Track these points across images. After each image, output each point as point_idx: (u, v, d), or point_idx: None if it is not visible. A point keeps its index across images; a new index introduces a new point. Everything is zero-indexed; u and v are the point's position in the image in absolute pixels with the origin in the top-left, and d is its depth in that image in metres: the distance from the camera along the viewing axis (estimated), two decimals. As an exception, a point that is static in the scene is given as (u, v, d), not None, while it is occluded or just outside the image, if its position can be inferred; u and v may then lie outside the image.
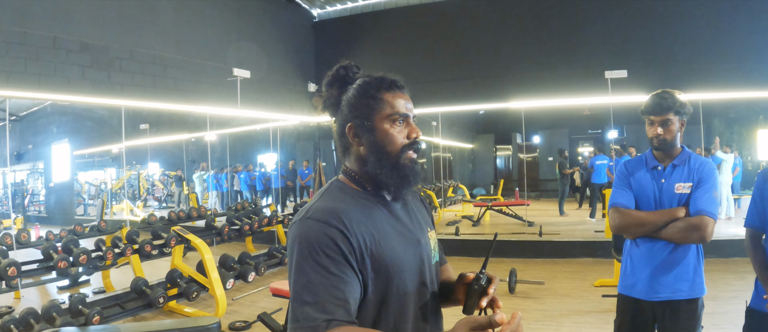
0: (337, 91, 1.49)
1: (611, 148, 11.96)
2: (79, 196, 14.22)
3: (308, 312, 1.21)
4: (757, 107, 13.55)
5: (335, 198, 1.40)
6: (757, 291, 2.59)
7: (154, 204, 15.86)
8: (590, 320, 5.30)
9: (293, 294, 1.26)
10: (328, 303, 1.21)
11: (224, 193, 14.55)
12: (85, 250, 5.45)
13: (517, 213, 11.32)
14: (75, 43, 7.04)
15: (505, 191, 16.39)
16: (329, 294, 1.22)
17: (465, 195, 15.35)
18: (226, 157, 12.81)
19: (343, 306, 1.23)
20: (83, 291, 5.79)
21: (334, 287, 1.23)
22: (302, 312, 1.21)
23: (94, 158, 14.36)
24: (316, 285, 1.23)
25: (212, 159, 13.48)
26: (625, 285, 2.74)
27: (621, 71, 8.85)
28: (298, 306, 1.23)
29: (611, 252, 5.97)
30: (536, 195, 17.59)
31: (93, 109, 8.50)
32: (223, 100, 9.23)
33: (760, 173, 2.72)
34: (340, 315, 1.21)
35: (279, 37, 11.77)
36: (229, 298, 6.38)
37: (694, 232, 2.47)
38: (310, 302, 1.21)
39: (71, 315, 4.77)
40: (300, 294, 1.23)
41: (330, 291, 1.23)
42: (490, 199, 13.47)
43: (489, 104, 12.00)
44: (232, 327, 5.46)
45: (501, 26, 11.72)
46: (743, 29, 9.93)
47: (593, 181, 11.94)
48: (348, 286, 1.26)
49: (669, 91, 2.61)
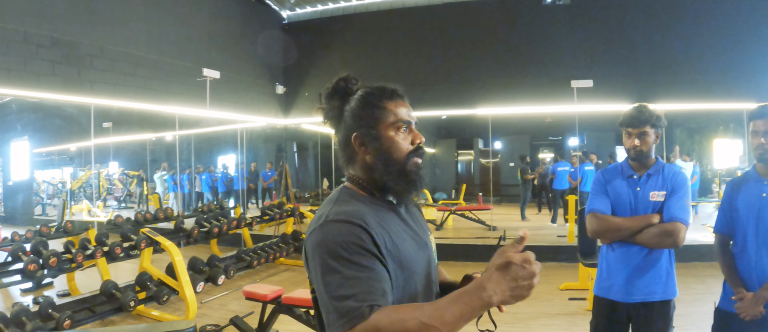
0: (338, 103, 1.53)
1: (572, 154, 12.23)
2: (37, 196, 13.83)
3: (350, 305, 1.22)
4: (717, 118, 14.11)
5: (350, 203, 1.43)
6: (726, 293, 2.76)
7: (113, 204, 15.51)
8: (558, 322, 5.44)
9: (328, 296, 1.27)
10: (368, 294, 1.23)
11: (185, 195, 14.32)
12: (54, 252, 5.33)
13: (480, 218, 11.48)
14: (46, 38, 6.89)
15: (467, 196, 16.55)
16: (367, 286, 1.24)
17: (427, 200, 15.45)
18: (191, 157, 12.65)
19: (382, 295, 1.25)
20: (47, 294, 5.67)
21: (371, 279, 1.26)
22: (344, 306, 1.23)
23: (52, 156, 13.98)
24: (353, 279, 1.25)
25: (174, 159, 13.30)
26: (601, 288, 2.86)
27: (587, 81, 9.08)
28: (338, 302, 1.24)
29: (576, 257, 6.13)
30: (497, 200, 17.80)
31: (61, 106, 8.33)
32: (192, 100, 9.14)
33: (729, 182, 2.90)
34: (381, 302, 1.24)
35: (249, 38, 11.71)
36: (198, 301, 6.31)
37: (668, 238, 2.62)
38: (350, 295, 1.23)
39: (41, 319, 4.67)
40: (337, 291, 1.25)
41: (367, 283, 1.25)
42: (453, 204, 13.59)
43: (456, 110, 12.17)
44: (204, 331, 5.41)
45: (469, 34, 11.90)
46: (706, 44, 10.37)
47: (555, 187, 12.16)
48: (382, 277, 1.29)
49: (646, 105, 2.76)
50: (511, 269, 1.15)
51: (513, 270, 1.14)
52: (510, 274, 1.15)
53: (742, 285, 2.66)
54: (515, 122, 15.65)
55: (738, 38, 10.61)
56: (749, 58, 10.54)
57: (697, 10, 10.74)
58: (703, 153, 15.42)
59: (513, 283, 1.15)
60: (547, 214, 13.17)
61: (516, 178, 14.30)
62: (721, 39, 10.52)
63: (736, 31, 10.65)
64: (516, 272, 1.14)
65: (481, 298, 1.16)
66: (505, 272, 1.15)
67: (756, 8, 10.61)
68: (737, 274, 2.71)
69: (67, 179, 14.24)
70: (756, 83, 10.26)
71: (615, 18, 10.85)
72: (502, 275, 1.16)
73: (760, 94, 9.28)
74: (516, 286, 1.15)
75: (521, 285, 1.14)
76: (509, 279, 1.15)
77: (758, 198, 2.65)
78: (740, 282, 2.67)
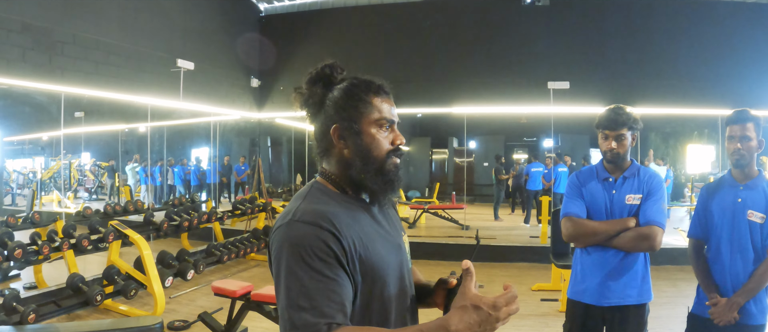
0: (320, 90, 1.46)
1: (546, 156, 12.32)
2: (7, 185, 13.52)
3: (306, 318, 1.19)
4: (691, 123, 14.35)
5: (320, 200, 1.38)
6: (699, 298, 2.78)
7: (84, 195, 15.21)
8: (530, 323, 5.47)
9: (286, 300, 1.23)
10: (326, 307, 1.20)
11: (157, 187, 14.11)
12: (20, 244, 5.19)
13: (454, 217, 11.50)
14: (16, 23, 6.70)
15: (440, 194, 16.58)
16: (326, 298, 1.21)
17: (400, 197, 15.43)
18: (164, 149, 12.46)
19: (341, 310, 1.22)
20: (13, 287, 5.52)
21: (331, 290, 1.22)
22: (300, 318, 1.20)
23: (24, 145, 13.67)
24: (312, 289, 1.21)
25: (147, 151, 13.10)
26: (575, 291, 2.85)
27: (563, 82, 9.13)
28: (295, 312, 1.21)
29: (549, 258, 6.17)
30: (471, 200, 17.87)
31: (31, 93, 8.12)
32: (165, 90, 9.00)
33: (704, 187, 2.92)
34: (340, 319, 1.21)
35: (225, 29, 11.58)
36: (166, 296, 6.21)
37: (644, 241, 2.61)
38: (307, 307, 1.20)
39: (5, 312, 4.53)
40: (295, 300, 1.22)
41: (327, 294, 1.22)
42: (426, 202, 13.61)
43: (432, 108, 12.19)
44: (171, 327, 5.31)
45: (447, 32, 11.91)
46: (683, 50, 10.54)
47: (528, 188, 12.24)
48: (343, 289, 1.25)
49: (622, 106, 2.74)
50: (478, 313, 1.13)
51: (480, 314, 1.13)
52: (475, 318, 1.13)
53: (716, 291, 2.67)
54: (490, 122, 15.72)
55: (715, 44, 10.80)
56: (725, 64, 10.73)
57: (675, 14, 10.89)
58: (677, 157, 15.67)
59: (476, 327, 1.13)
60: (520, 215, 13.26)
61: (490, 178, 14.39)
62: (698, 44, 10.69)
63: (713, 36, 10.84)
64: (482, 317, 1.13)
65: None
66: (471, 314, 1.14)
67: (734, 15, 10.80)
68: (711, 279, 2.72)
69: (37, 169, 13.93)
70: (731, 89, 10.44)
71: (593, 21, 10.96)
72: (467, 317, 1.14)
73: (735, 100, 9.45)
74: (478, 330, 1.13)
75: (484, 329, 1.13)
76: (473, 322, 1.13)
77: (733, 204, 2.68)
78: (714, 288, 2.69)
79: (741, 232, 2.63)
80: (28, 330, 3.71)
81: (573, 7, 11.25)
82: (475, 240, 9.14)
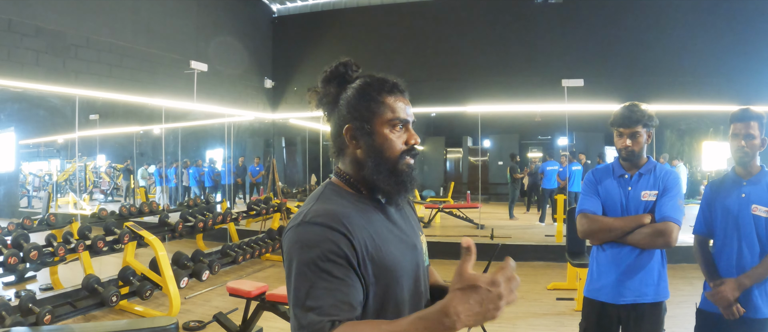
0: (335, 89, 1.45)
1: (561, 154, 12.24)
2: (24, 188, 13.66)
3: (312, 318, 1.18)
4: (707, 120, 14.17)
5: (333, 201, 1.37)
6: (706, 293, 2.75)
7: (100, 197, 15.34)
8: (545, 322, 5.42)
9: (295, 300, 1.23)
10: (332, 307, 1.19)
11: (172, 189, 14.21)
12: (36, 246, 5.23)
13: (468, 216, 11.46)
14: (30, 27, 6.76)
15: (455, 194, 16.54)
16: (333, 298, 1.20)
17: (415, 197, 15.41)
18: (178, 151, 12.53)
19: (346, 309, 1.21)
20: (30, 288, 5.58)
21: (338, 290, 1.21)
22: (306, 318, 1.19)
23: (39, 148, 13.80)
24: (320, 289, 1.20)
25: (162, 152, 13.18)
26: (592, 289, 2.81)
27: (578, 80, 9.06)
28: (302, 312, 1.20)
29: (564, 256, 6.11)
30: (486, 199, 17.81)
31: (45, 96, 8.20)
32: (179, 92, 9.05)
33: (708, 184, 2.90)
34: (344, 316, 1.19)
35: (238, 30, 11.62)
36: (182, 297, 6.24)
37: (660, 238, 2.57)
38: (314, 307, 1.19)
39: (21, 313, 4.56)
40: (303, 300, 1.21)
41: (334, 295, 1.20)
42: (441, 201, 13.58)
43: (446, 107, 12.16)
44: (187, 327, 5.34)
45: (461, 31, 11.88)
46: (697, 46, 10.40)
47: (543, 186, 12.18)
48: (351, 290, 1.24)
49: (637, 104, 2.71)
50: (477, 292, 1.07)
51: (479, 293, 1.07)
52: (475, 298, 1.07)
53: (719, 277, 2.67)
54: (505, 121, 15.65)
55: (729, 40, 10.65)
56: (740, 60, 10.58)
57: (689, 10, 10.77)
58: (692, 155, 15.51)
59: (477, 308, 1.06)
60: (535, 213, 13.19)
61: (504, 177, 14.31)
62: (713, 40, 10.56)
63: (727, 32, 10.69)
64: (482, 296, 1.06)
65: (443, 324, 1.07)
66: (470, 295, 1.07)
67: (748, 10, 10.65)
68: (714, 267, 2.73)
69: (53, 171, 14.06)
70: (746, 85, 10.30)
71: (607, 18, 10.86)
72: (465, 299, 1.07)
73: (750, 96, 9.32)
74: (480, 311, 1.06)
75: (487, 309, 1.06)
76: (473, 303, 1.06)
77: (737, 199, 2.68)
78: (718, 276, 2.69)
79: (747, 227, 2.62)
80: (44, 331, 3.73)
81: (586, 5, 11.16)
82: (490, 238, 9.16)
